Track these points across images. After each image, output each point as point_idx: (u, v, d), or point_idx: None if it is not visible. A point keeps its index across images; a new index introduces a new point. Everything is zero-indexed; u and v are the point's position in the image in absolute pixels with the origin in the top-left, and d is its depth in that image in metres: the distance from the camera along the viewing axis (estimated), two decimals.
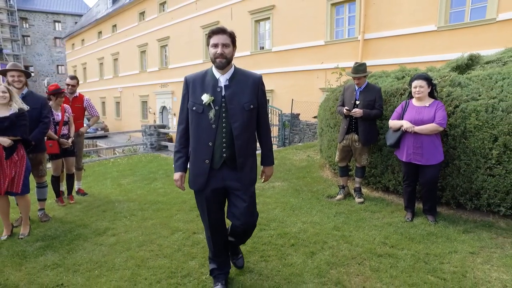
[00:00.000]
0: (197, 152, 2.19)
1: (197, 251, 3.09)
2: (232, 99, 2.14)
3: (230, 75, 2.18)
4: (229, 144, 2.15)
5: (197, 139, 2.17)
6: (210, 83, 2.16)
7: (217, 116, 2.12)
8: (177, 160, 2.28)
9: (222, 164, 2.18)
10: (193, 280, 2.60)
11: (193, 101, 2.17)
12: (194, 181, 2.24)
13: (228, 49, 2.10)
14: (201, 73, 2.24)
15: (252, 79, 2.22)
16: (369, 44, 11.46)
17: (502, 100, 3.35)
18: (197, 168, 2.20)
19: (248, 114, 2.17)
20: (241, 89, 2.17)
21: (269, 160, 2.43)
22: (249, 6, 14.83)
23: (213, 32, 2.11)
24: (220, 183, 2.22)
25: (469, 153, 3.53)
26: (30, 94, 3.88)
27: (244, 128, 2.16)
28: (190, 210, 4.24)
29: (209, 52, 2.14)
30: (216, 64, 2.12)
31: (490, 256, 2.82)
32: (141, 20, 22.54)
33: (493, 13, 8.55)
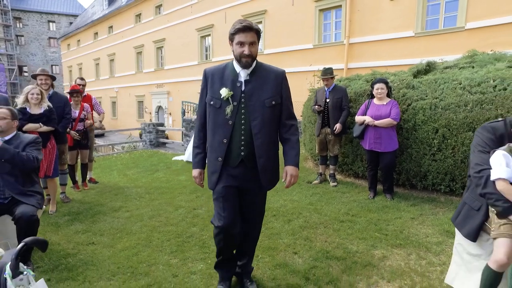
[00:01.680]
0: (212, 148, 2.11)
1: (197, 221, 3.85)
2: (252, 95, 2.03)
3: (251, 69, 2.06)
4: (248, 142, 2.03)
5: (212, 135, 2.09)
6: (230, 77, 2.06)
7: (235, 112, 2.01)
8: (196, 156, 2.22)
9: (239, 162, 2.07)
10: (195, 239, 3.36)
11: (211, 95, 2.07)
12: (209, 179, 2.19)
13: (254, 47, 1.98)
14: (221, 66, 2.14)
15: (275, 74, 2.10)
16: (354, 48, 12.30)
17: (442, 100, 4.18)
18: (211, 166, 2.13)
19: (269, 111, 2.05)
20: (262, 84, 2.06)
21: (292, 159, 2.16)
22: (243, 10, 15.58)
23: (240, 30, 1.96)
24: (234, 182, 2.11)
25: (418, 143, 4.36)
26: (55, 95, 4.60)
27: (264, 126, 2.03)
28: (190, 193, 5.00)
29: (234, 50, 2.02)
30: (242, 64, 2.01)
31: (425, 220, 3.64)
32: (138, 22, 23.16)
33: (462, 21, 9.44)
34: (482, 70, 4.39)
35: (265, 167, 2.09)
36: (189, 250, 3.13)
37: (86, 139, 5.32)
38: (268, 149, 2.09)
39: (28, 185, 2.71)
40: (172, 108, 20.18)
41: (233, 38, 2.01)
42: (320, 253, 2.97)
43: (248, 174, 2.10)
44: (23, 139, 2.75)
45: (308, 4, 13.26)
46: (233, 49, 2.03)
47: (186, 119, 9.21)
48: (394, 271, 2.66)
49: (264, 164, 2.08)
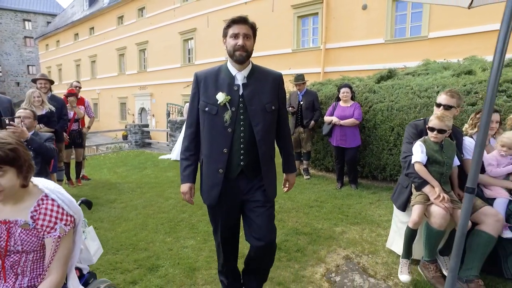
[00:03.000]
0: (210, 160, 1.92)
1: (186, 209, 4.38)
2: (252, 99, 1.87)
3: (248, 72, 1.91)
4: (247, 150, 1.88)
5: (210, 145, 1.90)
6: (225, 81, 1.89)
7: (234, 118, 1.84)
8: (185, 169, 2.01)
9: (238, 173, 1.92)
10: (185, 223, 3.89)
11: (205, 100, 1.89)
12: (206, 194, 1.98)
13: (249, 41, 1.84)
14: (214, 69, 1.97)
15: (272, 77, 1.98)
16: (330, 53, 13.08)
17: (397, 103, 4.88)
18: (210, 179, 1.93)
19: (269, 116, 1.92)
20: (261, 87, 1.91)
21: (292, 166, 2.20)
22: (224, 15, 16.10)
23: (234, 22, 1.82)
24: (236, 196, 1.96)
25: (377, 140, 5.05)
26: (52, 97, 5.01)
27: (266, 132, 1.90)
28: (178, 186, 5.45)
29: (227, 44, 1.86)
30: (235, 57, 1.83)
31: (381, 204, 4.32)
32: (120, 24, 23.25)
33: (425, 31, 10.36)
34: (431, 78, 5.14)
35: (269, 178, 1.96)
36: (180, 231, 3.66)
37: (80, 138, 5.74)
38: (270, 157, 1.97)
39: (44, 175, 3.17)
40: (155, 109, 20.44)
41: (227, 32, 1.85)
42: (291, 230, 3.58)
43: (248, 186, 1.95)
44: (42, 136, 3.21)
45: (287, 11, 13.96)
46: (226, 45, 1.86)
47: (172, 120, 9.66)
48: (349, 241, 3.30)
49: (267, 173, 1.95)
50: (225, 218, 2.04)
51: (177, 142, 8.43)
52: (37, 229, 1.29)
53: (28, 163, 1.29)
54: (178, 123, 9.29)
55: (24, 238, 1.28)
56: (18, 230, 1.28)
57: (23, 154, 1.26)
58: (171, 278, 2.68)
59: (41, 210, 1.30)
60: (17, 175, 1.25)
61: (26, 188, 1.33)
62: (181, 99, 18.03)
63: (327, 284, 2.61)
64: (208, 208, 2.08)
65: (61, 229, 1.31)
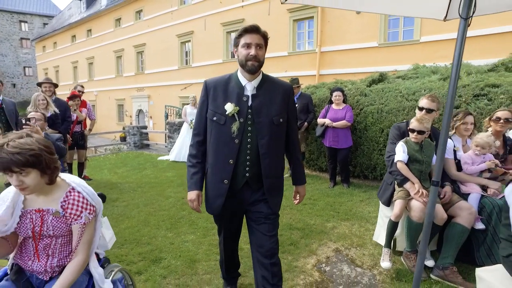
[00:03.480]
0: (215, 170, 1.92)
1: (186, 207, 4.59)
2: (260, 111, 1.86)
3: (258, 82, 1.90)
4: (253, 162, 1.88)
5: (216, 155, 1.90)
6: (235, 91, 1.88)
7: (241, 129, 1.83)
8: (192, 176, 1.99)
9: (243, 185, 1.92)
10: (185, 220, 4.11)
11: (213, 109, 1.89)
12: (210, 203, 1.99)
13: (261, 51, 1.85)
14: (223, 78, 1.97)
15: (283, 89, 1.96)
16: (325, 56, 13.36)
17: (386, 106, 5.14)
18: (214, 189, 1.94)
19: (277, 129, 1.90)
20: (270, 99, 1.89)
21: (302, 178, 2.19)
22: (221, 18, 16.36)
23: (246, 31, 1.82)
24: (239, 207, 2.00)
25: (368, 141, 5.30)
26: (57, 101, 5.21)
27: (272, 145, 1.88)
28: (178, 186, 5.73)
29: (239, 53, 1.86)
30: (247, 67, 1.82)
31: (370, 202, 4.57)
32: (117, 26, 23.42)
33: (417, 35, 10.66)
34: (419, 82, 5.40)
35: (272, 190, 1.94)
36: (181, 227, 3.88)
37: (82, 139, 5.94)
38: (275, 170, 1.95)
39: None
40: (153, 111, 20.61)
41: (238, 41, 1.86)
42: (285, 225, 3.80)
43: (252, 197, 1.95)
44: (52, 136, 3.42)
45: (283, 14, 14.23)
46: (238, 54, 1.86)
47: (170, 122, 9.87)
48: (339, 235, 3.54)
49: (271, 185, 1.93)
50: (228, 225, 2.16)
51: (176, 143, 8.64)
52: (65, 217, 1.51)
53: (53, 166, 1.49)
54: (177, 125, 9.50)
55: (55, 224, 1.50)
56: (50, 217, 1.50)
57: (46, 158, 1.44)
58: (173, 269, 2.90)
59: (69, 200, 1.51)
60: (41, 175, 1.44)
61: (57, 183, 1.55)
62: (178, 101, 18.23)
63: (318, 273, 2.84)
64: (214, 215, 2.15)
65: (86, 217, 1.53)
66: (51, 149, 1.50)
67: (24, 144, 1.40)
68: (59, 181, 1.58)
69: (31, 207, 1.51)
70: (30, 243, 1.53)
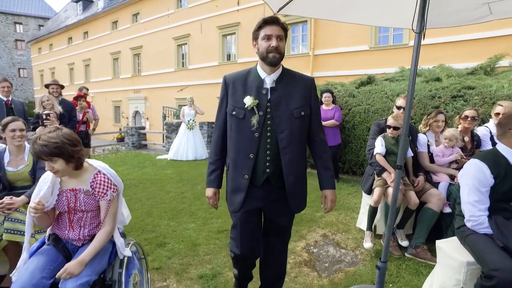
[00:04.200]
0: (236, 164, 1.89)
1: (186, 200, 4.92)
2: (279, 104, 1.82)
3: (278, 75, 1.85)
4: (274, 157, 1.82)
5: (236, 149, 1.88)
6: (254, 84, 1.85)
7: (261, 123, 1.80)
8: (211, 173, 2.00)
9: (264, 181, 1.86)
10: (186, 211, 4.44)
11: (233, 104, 1.87)
12: (230, 200, 1.95)
13: (282, 42, 1.80)
14: (243, 72, 1.94)
15: (303, 82, 1.91)
16: (318, 59, 13.77)
17: (373, 106, 5.52)
18: (235, 184, 1.90)
19: (297, 122, 1.84)
20: (290, 92, 1.85)
21: (330, 182, 2.00)
22: (217, 22, 16.72)
23: (266, 22, 1.78)
24: (258, 203, 1.91)
25: (356, 139, 5.67)
26: (63, 101, 5.51)
27: (292, 139, 1.81)
28: (177, 182, 6.05)
29: (259, 46, 1.81)
30: (268, 60, 1.78)
31: (357, 195, 4.93)
32: (114, 28, 23.67)
33: (406, 39, 11.12)
34: (404, 84, 5.79)
35: (294, 189, 1.87)
36: (182, 217, 4.21)
37: (87, 138, 6.23)
38: (297, 167, 1.87)
39: None
40: (150, 113, 20.87)
41: (258, 34, 1.81)
42: None
43: (273, 195, 1.89)
44: None
45: None
46: (258, 47, 1.82)
47: (168, 122, 10.18)
48: (327, 223, 3.89)
49: (293, 184, 1.85)
50: (245, 224, 1.95)
51: (174, 143, 8.95)
52: (94, 195, 1.84)
53: (77, 155, 1.80)
54: (174, 125, 9.81)
55: (86, 201, 1.82)
56: (81, 195, 1.82)
57: (68, 149, 1.74)
58: (177, 251, 3.23)
59: (96, 181, 1.84)
60: (66, 163, 1.76)
61: (84, 167, 1.87)
62: (175, 102, 18.53)
63: (306, 254, 3.19)
64: (231, 212, 2.02)
65: (111, 195, 1.86)
66: (74, 142, 1.80)
67: (51, 138, 1.71)
68: (87, 166, 1.90)
69: (66, 187, 1.84)
70: (65, 216, 1.86)
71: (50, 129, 1.79)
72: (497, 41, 9.11)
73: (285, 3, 2.86)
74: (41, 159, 1.74)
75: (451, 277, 2.11)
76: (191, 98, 8.65)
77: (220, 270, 2.88)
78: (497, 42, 9.06)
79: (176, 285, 2.68)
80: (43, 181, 1.82)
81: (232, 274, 2.82)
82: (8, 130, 2.70)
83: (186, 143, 8.53)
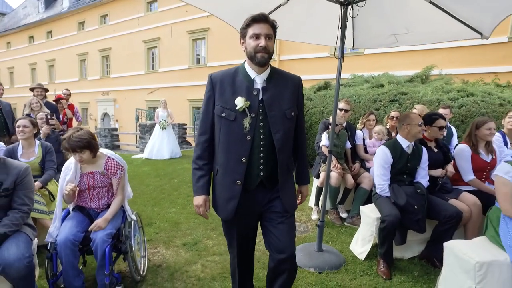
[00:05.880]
0: (226, 170, 1.80)
1: (165, 191, 5.56)
2: (272, 104, 1.77)
3: (267, 75, 1.80)
4: (267, 160, 1.78)
5: (227, 154, 1.79)
6: (244, 84, 1.78)
7: (253, 125, 1.74)
8: (198, 179, 1.87)
9: (257, 185, 1.81)
10: (166, 200, 5.08)
11: (221, 105, 1.77)
12: (222, 207, 1.85)
13: (271, 41, 1.73)
14: (230, 71, 1.85)
15: (292, 81, 1.87)
16: (284, 64, 14.75)
17: (326, 108, 6.47)
18: (226, 191, 1.81)
19: (289, 123, 1.81)
20: (281, 92, 1.80)
21: (306, 178, 2.06)
22: (188, 26, 17.27)
23: (254, 20, 1.71)
24: (254, 209, 1.86)
25: (313, 136, 6.57)
26: (47, 103, 5.94)
27: (286, 140, 1.80)
28: (155, 177, 6.66)
29: (246, 45, 1.75)
30: (257, 60, 1.72)
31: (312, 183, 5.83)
32: (81, 29, 23.37)
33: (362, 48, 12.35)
34: (353, 89, 6.80)
35: (286, 188, 1.84)
36: (163, 204, 4.87)
37: None
38: (288, 165, 1.85)
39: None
40: (119, 115, 20.91)
41: (246, 32, 1.74)
42: None
43: (267, 197, 1.84)
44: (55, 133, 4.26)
45: None
46: (246, 46, 1.75)
47: (142, 124, 10.64)
48: None
49: (286, 183, 1.83)
50: (242, 231, 1.91)
51: (148, 143, 9.45)
52: (107, 175, 2.50)
53: (96, 147, 2.47)
54: (148, 126, 10.30)
55: (102, 180, 2.48)
56: (98, 176, 2.48)
57: (93, 143, 2.42)
58: (163, 228, 3.91)
59: (108, 164, 2.51)
60: (90, 153, 2.43)
61: (98, 155, 2.53)
62: (145, 104, 18.79)
63: None
64: (223, 221, 1.94)
65: (120, 173, 2.53)
66: (95, 138, 2.49)
67: (81, 135, 2.37)
68: (99, 154, 2.56)
69: (85, 171, 2.49)
70: (86, 193, 2.51)
71: (76, 129, 2.44)
72: (432, 53, 10.53)
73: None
74: (73, 152, 2.37)
75: (368, 230, 3.01)
76: (164, 100, 9.22)
77: (199, 239, 3.61)
78: (432, 54, 10.48)
79: (165, 251, 3.37)
80: (67, 168, 2.46)
81: (211, 242, 3.56)
82: (16, 126, 3.28)
83: (160, 143, 9.08)
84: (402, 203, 2.72)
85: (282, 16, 3.14)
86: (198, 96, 17.32)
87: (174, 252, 3.33)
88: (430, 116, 3.23)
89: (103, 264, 2.25)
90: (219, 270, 2.94)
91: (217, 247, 3.41)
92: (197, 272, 2.92)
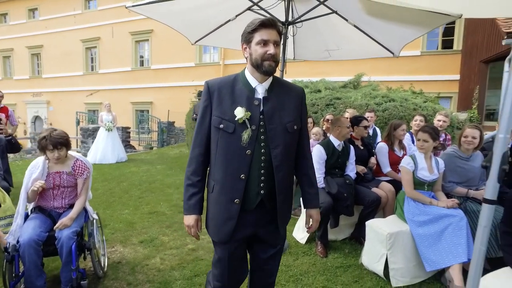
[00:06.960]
0: (223, 187, 1.65)
1: (115, 194, 5.57)
2: (273, 116, 1.62)
3: (269, 84, 1.66)
4: (268, 177, 1.63)
5: (224, 169, 1.63)
6: (244, 94, 1.63)
7: (253, 138, 1.58)
8: (190, 197, 1.71)
9: (257, 204, 1.65)
10: (117, 202, 5.13)
11: (219, 116, 1.62)
12: (216, 228, 1.70)
13: (278, 49, 1.60)
14: (228, 79, 1.71)
15: (295, 92, 1.73)
16: (228, 68, 15.17)
17: None
18: (223, 211, 1.65)
19: (290, 137, 1.67)
20: (283, 103, 1.66)
21: (316, 200, 1.84)
22: (130, 27, 16.80)
23: (263, 25, 1.56)
24: (250, 230, 1.70)
25: None
26: None
27: (285, 156, 1.65)
28: (103, 181, 6.58)
29: (252, 51, 1.59)
30: (264, 68, 1.57)
31: None
32: (3, 22, 21.26)
33: None
34: None
35: (284, 204, 1.71)
36: (115, 206, 4.93)
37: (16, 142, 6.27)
38: (288, 184, 1.72)
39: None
40: (53, 117, 19.46)
41: (251, 37, 1.59)
42: None
43: (265, 217, 1.70)
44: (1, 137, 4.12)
45: None
46: (251, 52, 1.60)
47: (83, 127, 10.21)
48: None
49: (283, 203, 1.69)
50: (235, 254, 1.74)
51: (92, 147, 9.13)
52: (74, 175, 2.64)
53: (70, 146, 2.63)
54: (91, 130, 9.92)
55: (68, 179, 2.61)
56: (65, 175, 2.61)
57: (69, 141, 2.60)
58: (118, 229, 4.03)
59: (77, 165, 2.65)
60: (67, 151, 2.58)
61: (67, 156, 2.66)
62: (84, 107, 17.80)
63: None
64: (215, 242, 1.77)
65: (86, 175, 2.69)
66: (68, 137, 2.65)
67: (60, 133, 2.55)
68: (68, 155, 2.70)
69: (53, 170, 2.61)
70: (50, 192, 2.62)
71: (52, 129, 2.59)
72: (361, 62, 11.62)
73: (201, 37, 4.02)
74: (52, 149, 2.48)
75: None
76: (108, 104, 9.01)
77: (155, 236, 3.82)
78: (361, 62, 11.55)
79: (123, 249, 3.52)
80: (33, 166, 2.56)
81: (167, 238, 3.78)
82: None
83: (105, 147, 8.84)
84: (334, 192, 3.26)
85: (229, 29, 3.62)
86: (142, 99, 16.94)
87: (132, 249, 3.51)
88: (356, 118, 3.89)
89: (69, 260, 2.40)
90: (177, 262, 3.21)
91: (173, 242, 3.65)
92: (156, 265, 3.15)
